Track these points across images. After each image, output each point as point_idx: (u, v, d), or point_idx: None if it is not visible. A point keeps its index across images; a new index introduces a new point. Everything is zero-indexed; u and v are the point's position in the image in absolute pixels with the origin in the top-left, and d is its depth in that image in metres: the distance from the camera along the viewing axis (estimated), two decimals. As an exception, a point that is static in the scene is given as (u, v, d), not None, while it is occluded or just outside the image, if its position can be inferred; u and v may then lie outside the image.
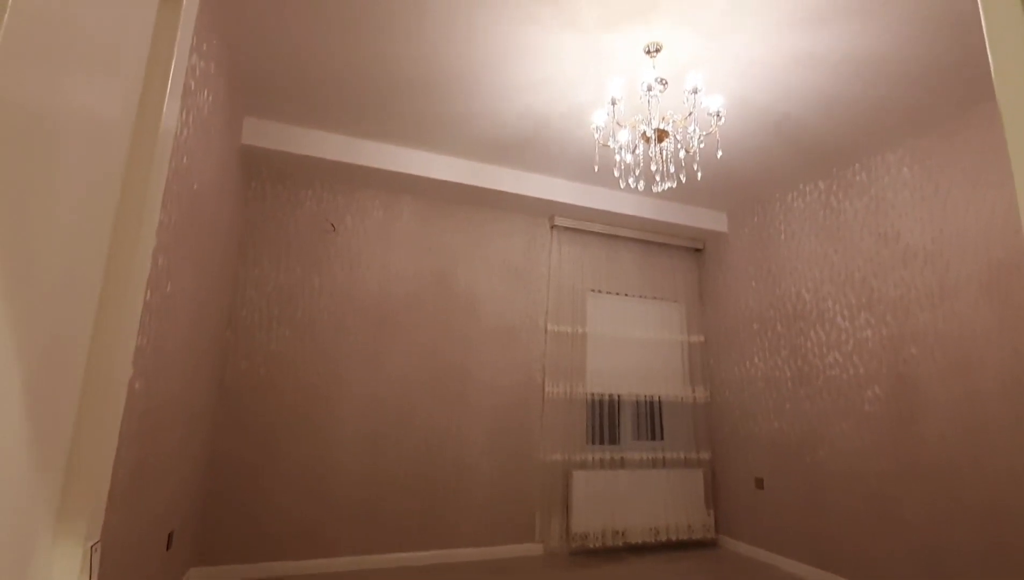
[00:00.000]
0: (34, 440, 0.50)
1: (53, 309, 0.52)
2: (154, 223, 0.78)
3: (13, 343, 0.45)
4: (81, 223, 0.57)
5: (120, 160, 0.68)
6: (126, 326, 0.67)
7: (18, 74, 0.43)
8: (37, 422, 0.51)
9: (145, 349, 1.85)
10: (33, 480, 0.51)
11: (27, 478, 0.50)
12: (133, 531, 1.90)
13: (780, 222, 3.86)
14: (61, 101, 0.51)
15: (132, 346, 0.69)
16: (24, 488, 0.49)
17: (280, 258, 3.41)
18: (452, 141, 3.34)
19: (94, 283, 0.62)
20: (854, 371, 3.19)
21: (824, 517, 3.25)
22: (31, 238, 0.48)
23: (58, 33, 0.50)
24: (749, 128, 3.01)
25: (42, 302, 0.49)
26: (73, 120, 0.53)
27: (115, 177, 0.66)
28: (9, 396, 0.46)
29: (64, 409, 0.57)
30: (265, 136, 3.13)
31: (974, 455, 2.56)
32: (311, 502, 3.19)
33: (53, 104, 0.49)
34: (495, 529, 3.56)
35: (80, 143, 0.55)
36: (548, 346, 3.93)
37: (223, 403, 3.14)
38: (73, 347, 0.57)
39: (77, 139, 0.54)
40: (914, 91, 2.61)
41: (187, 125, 2.00)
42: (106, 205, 0.64)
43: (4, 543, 0.47)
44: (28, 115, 0.46)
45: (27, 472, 0.50)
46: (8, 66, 0.42)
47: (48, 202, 0.51)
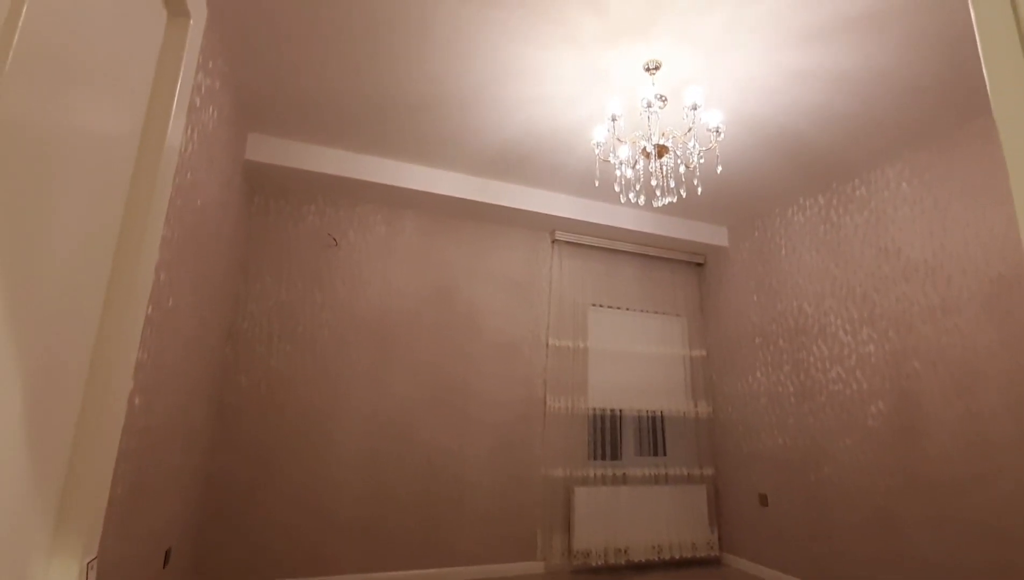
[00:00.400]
0: (33, 455, 0.50)
1: (56, 323, 0.52)
2: (157, 238, 0.79)
3: (16, 358, 0.45)
4: (86, 237, 0.57)
5: (126, 176, 0.69)
6: (128, 340, 0.67)
7: (28, 95, 0.44)
8: (37, 437, 0.51)
9: (146, 364, 1.85)
10: (31, 495, 0.51)
11: (25, 493, 0.50)
12: (130, 548, 1.88)
13: (780, 236, 3.87)
14: (69, 119, 0.52)
15: (133, 360, 0.69)
16: (21, 503, 0.49)
17: (282, 273, 3.42)
18: (454, 156, 3.37)
19: (97, 297, 0.62)
20: (857, 386, 3.17)
21: (829, 535, 3.20)
22: (35, 253, 0.48)
23: (68, 54, 0.51)
24: (748, 143, 3.04)
25: (45, 317, 0.50)
26: (80, 137, 0.54)
27: (120, 192, 0.67)
28: (9, 411, 0.46)
29: (64, 424, 0.57)
30: (268, 151, 3.16)
31: (978, 473, 2.53)
32: (310, 519, 3.16)
33: (61, 123, 0.50)
34: (496, 546, 3.52)
35: (87, 159, 0.56)
36: (549, 361, 3.92)
37: (222, 419, 3.13)
38: (75, 362, 0.57)
39: (84, 156, 0.55)
40: (911, 106, 2.64)
41: (192, 141, 2.03)
42: (111, 220, 0.65)
43: (2, 554, 0.47)
44: (37, 133, 0.46)
45: (25, 487, 0.50)
46: (18, 87, 0.43)
47: (53, 217, 0.51)
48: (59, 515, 0.57)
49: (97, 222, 0.62)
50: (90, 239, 0.60)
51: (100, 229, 0.63)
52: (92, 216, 0.60)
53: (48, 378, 0.53)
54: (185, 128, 1.92)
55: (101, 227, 0.64)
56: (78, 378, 0.60)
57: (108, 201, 0.65)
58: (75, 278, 0.57)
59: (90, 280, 0.61)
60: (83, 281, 0.59)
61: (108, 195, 0.65)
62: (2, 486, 0.47)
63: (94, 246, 0.62)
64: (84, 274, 0.60)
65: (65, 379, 0.57)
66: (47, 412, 0.54)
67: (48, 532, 0.55)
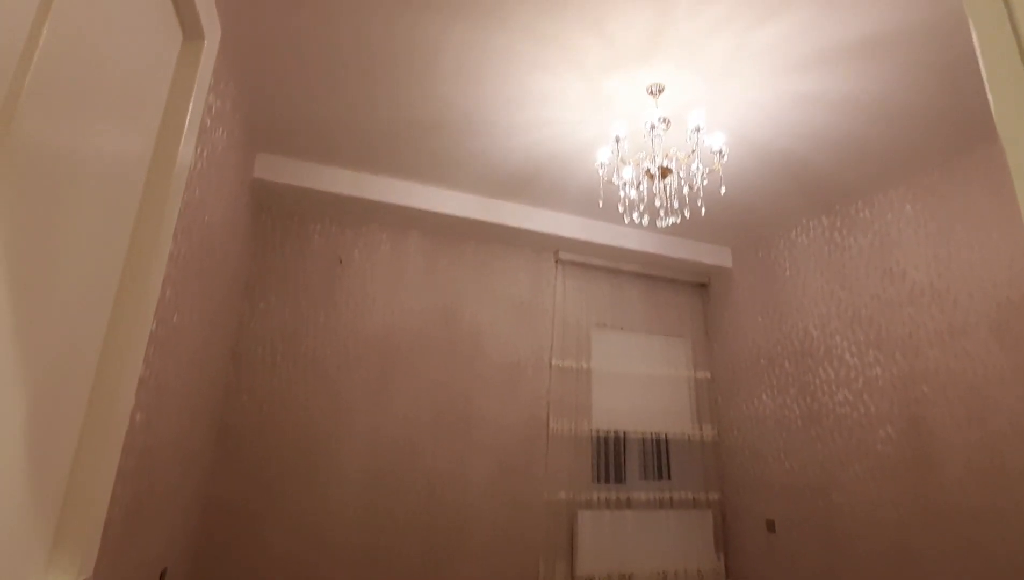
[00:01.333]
0: (33, 471, 0.50)
1: (62, 338, 0.52)
2: (165, 254, 0.79)
3: (21, 372, 0.45)
4: (96, 254, 0.58)
5: (136, 194, 0.69)
6: (132, 356, 0.67)
7: (46, 117, 0.45)
8: (38, 452, 0.50)
9: (148, 382, 1.84)
10: (29, 512, 0.50)
11: (23, 509, 0.49)
12: (125, 568, 1.85)
13: (785, 258, 3.87)
14: (83, 140, 0.52)
15: (137, 376, 0.69)
16: (19, 520, 0.48)
17: (287, 293, 3.43)
18: (460, 177, 3.40)
19: (104, 312, 0.62)
20: (864, 410, 3.13)
21: (841, 564, 3.12)
22: (47, 269, 0.49)
23: (85, 76, 0.52)
24: (751, 165, 3.06)
25: (52, 330, 0.50)
26: (93, 157, 0.54)
27: (130, 210, 0.68)
28: (12, 427, 0.46)
29: (65, 440, 0.57)
30: (276, 171, 3.20)
31: (995, 503, 2.47)
32: (308, 543, 3.10)
33: (76, 143, 0.51)
34: (498, 573, 3.44)
35: (99, 178, 0.56)
36: (553, 382, 3.89)
37: (223, 440, 3.10)
38: (79, 377, 0.57)
39: (96, 174, 0.56)
40: (913, 130, 2.66)
41: (201, 160, 2.05)
42: (120, 237, 0.65)
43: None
44: (52, 154, 0.47)
45: (23, 504, 0.49)
46: (37, 109, 0.43)
47: (65, 235, 0.51)
48: (56, 533, 0.56)
49: (107, 239, 0.63)
50: (100, 255, 0.61)
51: (110, 246, 0.64)
52: (102, 233, 0.61)
53: (52, 393, 0.52)
54: (195, 148, 1.95)
55: (111, 244, 0.64)
56: (82, 394, 0.59)
57: (118, 219, 0.66)
58: (83, 293, 0.57)
59: (98, 295, 0.62)
60: (91, 296, 0.60)
61: (119, 212, 0.65)
62: (2, 504, 0.46)
63: (103, 262, 0.62)
64: (92, 289, 0.60)
65: (69, 394, 0.57)
66: (49, 428, 0.53)
67: (45, 550, 0.54)
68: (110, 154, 0.60)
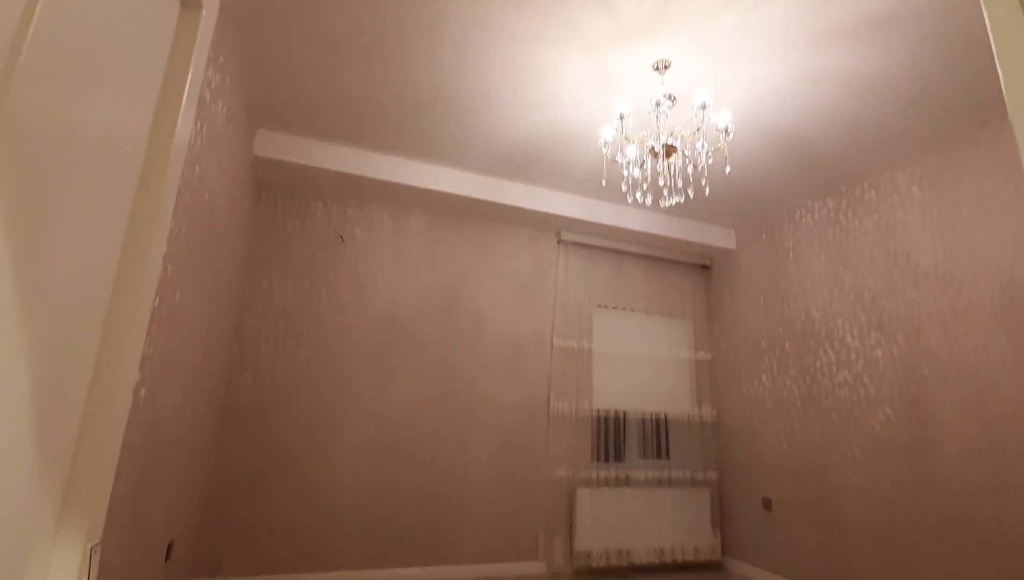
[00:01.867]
0: (40, 439, 0.50)
1: (65, 308, 0.52)
2: (165, 231, 0.79)
3: (25, 344, 0.45)
4: (95, 230, 0.58)
5: (135, 169, 0.69)
6: (135, 329, 0.67)
7: (41, 91, 0.44)
8: (44, 421, 0.51)
9: (152, 358, 1.86)
10: (36, 479, 0.51)
11: (30, 477, 0.50)
12: (132, 541, 1.89)
13: (788, 239, 3.85)
14: (80, 114, 0.52)
15: (140, 348, 0.69)
16: (26, 487, 0.49)
17: (288, 271, 3.43)
18: (462, 155, 3.37)
19: (106, 284, 0.62)
20: (864, 392, 3.14)
21: (836, 543, 3.17)
22: (46, 244, 0.49)
23: (81, 48, 0.51)
24: (757, 144, 3.02)
25: (55, 301, 0.50)
26: (91, 131, 0.54)
27: (130, 184, 0.67)
28: (17, 392, 0.46)
29: (71, 409, 0.58)
30: (277, 148, 3.18)
31: (991, 485, 2.50)
32: (313, 515, 3.16)
33: (73, 117, 0.50)
34: (498, 546, 3.51)
35: (97, 152, 0.56)
36: (554, 362, 3.91)
37: (227, 416, 3.14)
38: (82, 348, 0.57)
39: (94, 149, 0.55)
40: (922, 110, 2.62)
41: (201, 136, 2.04)
42: (120, 212, 0.65)
43: (6, 535, 0.47)
44: (49, 129, 0.47)
45: (30, 471, 0.50)
46: (32, 83, 0.43)
47: (64, 210, 0.51)
48: (64, 500, 0.57)
49: (107, 213, 0.63)
50: (101, 229, 0.61)
51: (110, 219, 0.64)
52: (103, 207, 0.61)
53: (56, 365, 0.53)
54: (195, 122, 1.94)
55: (111, 217, 0.64)
56: (86, 365, 0.60)
57: (118, 193, 0.65)
58: (85, 268, 0.57)
59: (99, 268, 0.62)
60: (93, 269, 0.60)
61: (118, 187, 0.65)
62: (9, 469, 0.47)
63: (104, 237, 0.62)
64: (94, 262, 0.60)
65: (73, 366, 0.57)
66: (54, 397, 0.54)
67: (53, 516, 0.55)
68: (108, 127, 0.59)
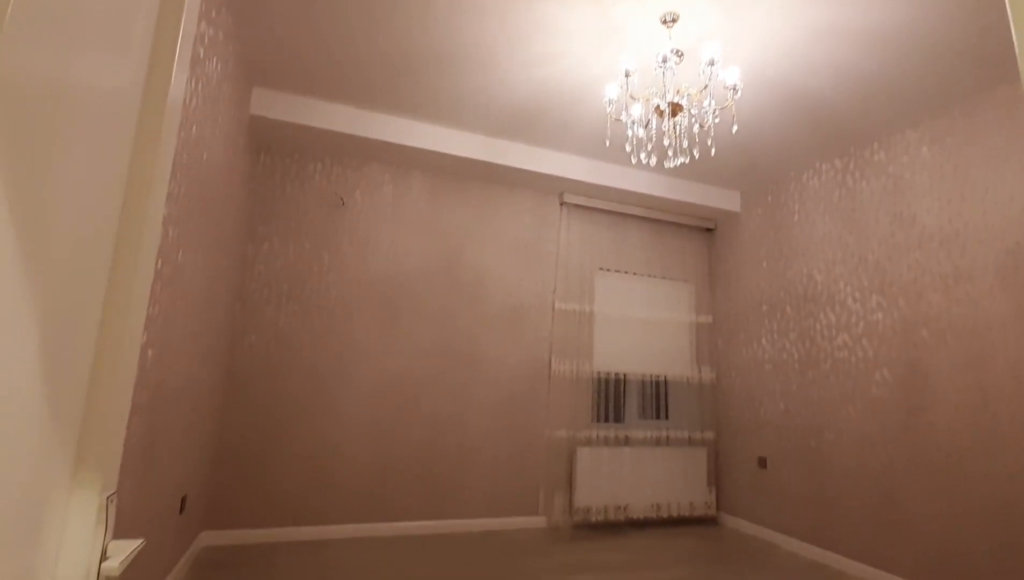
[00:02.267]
0: (51, 393, 0.51)
1: (67, 268, 0.52)
2: (164, 191, 0.78)
3: (29, 303, 0.45)
4: (92, 192, 0.57)
5: (130, 128, 0.68)
6: (138, 288, 0.68)
7: (28, 50, 0.43)
8: (53, 375, 0.52)
9: (157, 319, 1.88)
10: (50, 431, 0.52)
11: (44, 429, 0.51)
12: (147, 495, 1.95)
13: (794, 202, 3.80)
14: (70, 74, 0.51)
15: (144, 306, 0.70)
16: (41, 439, 0.51)
17: (289, 234, 3.42)
18: (463, 115, 3.29)
19: (107, 242, 0.63)
20: (863, 354, 3.17)
21: (827, 499, 3.27)
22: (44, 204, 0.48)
23: (67, 4, 0.49)
24: (766, 103, 2.95)
25: (58, 260, 0.50)
26: (82, 91, 0.53)
27: (125, 144, 0.66)
28: (26, 349, 0.47)
29: (78, 365, 0.58)
30: (274, 107, 3.11)
31: (983, 446, 2.55)
32: (320, 471, 3.26)
33: (62, 77, 0.49)
34: (500, 502, 3.63)
35: (90, 112, 0.55)
36: (555, 324, 3.94)
37: (233, 376, 3.19)
38: (87, 307, 0.58)
39: (86, 109, 0.54)
40: (935, 68, 2.53)
41: (196, 94, 1.99)
42: (116, 174, 0.64)
43: (23, 487, 0.48)
44: (38, 89, 0.45)
45: (44, 424, 0.51)
46: (18, 42, 0.41)
47: (59, 173, 0.51)
48: (78, 451, 0.59)
49: (103, 175, 0.62)
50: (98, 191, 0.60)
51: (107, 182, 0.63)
52: (98, 170, 0.60)
53: (61, 321, 0.53)
54: (188, 80, 1.89)
55: (108, 180, 0.63)
56: (91, 321, 0.60)
57: (113, 154, 0.64)
58: (84, 224, 0.57)
59: (99, 227, 0.61)
60: (93, 228, 0.59)
61: (113, 147, 0.64)
62: (23, 422, 0.48)
63: (103, 198, 0.61)
64: (94, 220, 0.60)
65: (78, 322, 0.58)
66: (61, 353, 0.54)
67: (68, 466, 0.57)
68: (100, 86, 0.58)
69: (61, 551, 0.56)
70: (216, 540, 3.01)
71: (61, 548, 0.56)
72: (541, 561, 3.02)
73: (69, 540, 0.57)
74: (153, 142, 0.72)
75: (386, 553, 3.01)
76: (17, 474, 0.46)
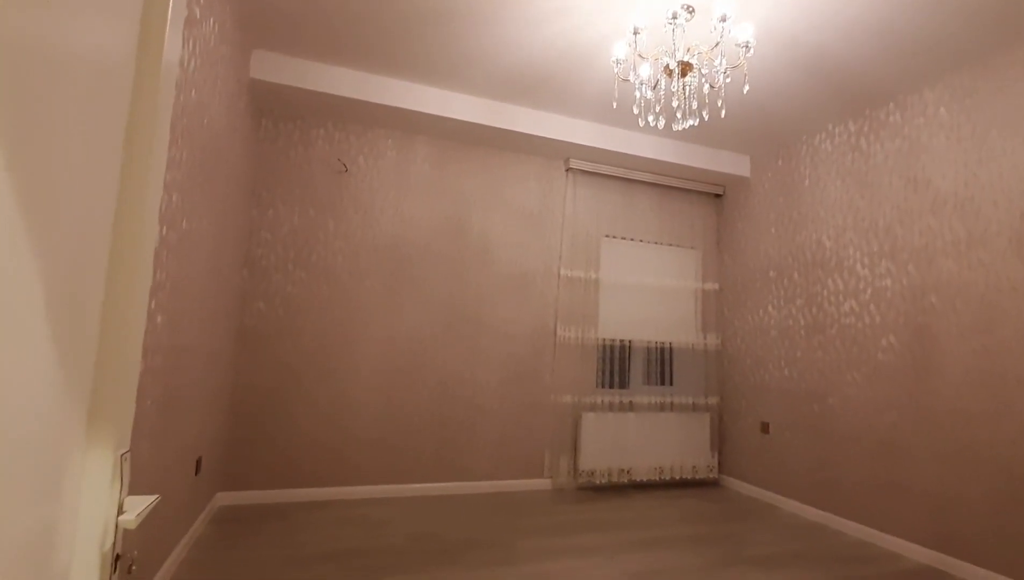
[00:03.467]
0: (61, 353, 0.52)
1: (72, 227, 0.52)
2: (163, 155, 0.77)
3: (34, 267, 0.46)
4: (91, 155, 0.57)
5: (125, 91, 0.66)
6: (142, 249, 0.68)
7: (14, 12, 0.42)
8: (62, 335, 0.52)
9: (165, 285, 1.89)
10: (61, 390, 0.53)
11: (56, 389, 0.52)
12: (162, 457, 2.01)
13: (805, 166, 3.72)
14: (57, 36, 0.49)
15: (150, 267, 0.70)
16: (54, 399, 0.52)
17: (293, 200, 3.40)
18: (467, 77, 3.22)
19: (108, 206, 0.62)
20: (869, 320, 3.16)
21: (830, 462, 3.32)
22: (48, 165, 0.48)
23: None
24: (779, 63, 2.85)
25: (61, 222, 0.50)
26: (73, 54, 0.52)
27: (121, 111, 0.66)
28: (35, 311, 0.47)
29: (87, 326, 0.59)
30: (275, 70, 3.05)
31: (988, 408, 2.56)
32: (331, 433, 3.34)
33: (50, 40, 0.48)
34: (505, 465, 3.71)
35: (84, 75, 0.54)
36: (561, 291, 3.94)
37: (243, 342, 3.23)
38: (91, 269, 0.58)
39: (80, 71, 0.53)
40: (958, 22, 2.43)
41: (194, 57, 1.95)
42: (113, 139, 0.64)
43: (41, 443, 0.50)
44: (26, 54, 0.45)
45: (56, 384, 0.52)
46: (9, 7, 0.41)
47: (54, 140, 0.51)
48: (91, 410, 0.60)
49: (100, 141, 0.61)
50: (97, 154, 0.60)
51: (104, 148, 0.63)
52: (94, 135, 0.59)
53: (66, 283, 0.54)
54: (185, 41, 1.85)
55: (105, 146, 0.63)
56: (96, 283, 0.61)
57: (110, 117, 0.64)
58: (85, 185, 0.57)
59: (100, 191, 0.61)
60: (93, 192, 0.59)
61: (109, 113, 0.63)
62: (36, 380, 0.49)
63: (101, 162, 0.61)
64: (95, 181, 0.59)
65: (83, 284, 0.58)
66: (69, 314, 0.55)
67: (82, 424, 0.58)
68: (91, 49, 0.57)
69: (80, 505, 0.58)
70: (231, 500, 3.11)
71: (80, 502, 0.58)
72: (546, 520, 3.12)
73: (87, 495, 0.59)
74: (150, 104, 0.70)
75: (397, 512, 3.11)
76: (34, 431, 0.48)
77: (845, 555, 2.79)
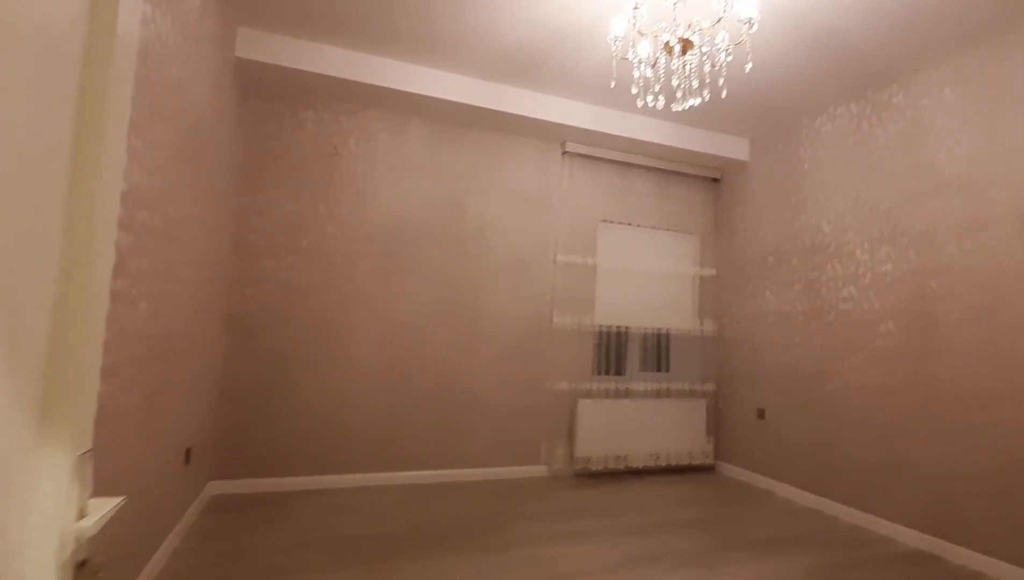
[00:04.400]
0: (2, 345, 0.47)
1: (13, 206, 0.47)
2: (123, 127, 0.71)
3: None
4: (32, 130, 0.51)
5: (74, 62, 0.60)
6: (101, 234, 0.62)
7: None
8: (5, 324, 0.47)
9: (150, 271, 1.83)
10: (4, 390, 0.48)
11: None
12: (151, 447, 1.97)
13: (806, 149, 3.66)
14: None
15: (111, 251, 0.65)
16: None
17: (284, 184, 3.32)
18: (462, 56, 3.12)
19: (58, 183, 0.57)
20: (868, 306, 3.13)
21: (826, 447, 3.31)
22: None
23: None
24: (782, 41, 2.77)
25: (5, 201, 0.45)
26: (9, 22, 0.46)
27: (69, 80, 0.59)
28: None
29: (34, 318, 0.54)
30: (261, 49, 2.95)
31: (989, 392, 2.54)
32: (326, 422, 3.30)
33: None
34: (502, 451, 3.70)
35: (23, 50, 0.48)
36: (558, 277, 3.89)
37: (235, 330, 3.18)
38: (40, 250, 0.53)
39: (14, 42, 0.47)
40: None
41: (173, 31, 1.86)
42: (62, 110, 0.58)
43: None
44: None
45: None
46: None
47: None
48: (43, 410, 0.55)
49: (42, 114, 0.55)
50: (42, 126, 0.54)
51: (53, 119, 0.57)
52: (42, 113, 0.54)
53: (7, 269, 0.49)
54: (152, 13, 1.76)
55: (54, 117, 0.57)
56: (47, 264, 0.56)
57: (52, 90, 0.57)
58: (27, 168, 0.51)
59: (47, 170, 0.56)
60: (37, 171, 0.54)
61: (53, 83, 0.57)
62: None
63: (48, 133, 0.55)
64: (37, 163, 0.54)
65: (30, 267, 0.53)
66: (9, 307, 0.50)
67: (31, 422, 0.53)
68: (38, 15, 0.51)
69: (31, 511, 0.54)
70: (224, 490, 3.09)
71: (30, 508, 0.54)
72: (543, 506, 3.11)
73: (40, 500, 0.54)
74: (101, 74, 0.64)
75: (392, 499, 3.09)
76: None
77: (840, 539, 2.80)
